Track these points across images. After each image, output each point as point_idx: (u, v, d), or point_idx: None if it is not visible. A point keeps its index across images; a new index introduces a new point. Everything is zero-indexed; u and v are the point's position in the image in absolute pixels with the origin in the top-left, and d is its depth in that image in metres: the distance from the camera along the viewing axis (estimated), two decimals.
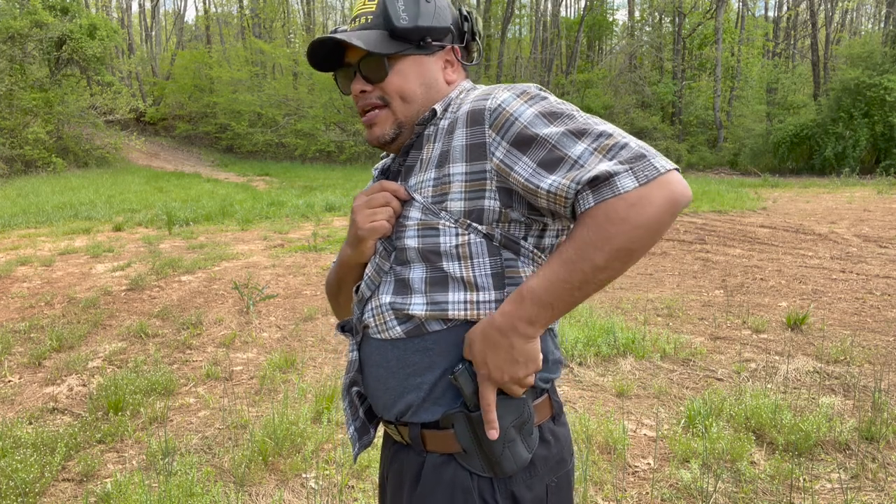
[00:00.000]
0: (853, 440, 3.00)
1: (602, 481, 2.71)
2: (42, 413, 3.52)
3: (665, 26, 35.67)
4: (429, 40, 1.11)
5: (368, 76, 1.11)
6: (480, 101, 1.04)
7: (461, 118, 1.05)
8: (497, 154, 1.00)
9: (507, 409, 1.04)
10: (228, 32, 42.39)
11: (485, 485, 1.05)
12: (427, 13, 1.09)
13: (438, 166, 1.06)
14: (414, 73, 1.11)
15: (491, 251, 1.04)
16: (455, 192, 1.03)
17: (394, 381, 1.11)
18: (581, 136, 0.96)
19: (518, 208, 1.03)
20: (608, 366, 4.09)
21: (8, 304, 5.81)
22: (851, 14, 42.95)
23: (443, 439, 1.07)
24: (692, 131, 30.24)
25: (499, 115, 1.00)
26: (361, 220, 1.10)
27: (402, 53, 1.10)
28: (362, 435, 1.22)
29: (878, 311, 5.24)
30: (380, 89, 1.11)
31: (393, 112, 1.12)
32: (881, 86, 21.57)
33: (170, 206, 12.28)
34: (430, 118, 1.11)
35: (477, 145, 1.02)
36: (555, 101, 1.02)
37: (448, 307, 1.05)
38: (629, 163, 0.92)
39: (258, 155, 30.99)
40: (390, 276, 1.10)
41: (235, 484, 2.73)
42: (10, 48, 20.95)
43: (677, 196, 0.92)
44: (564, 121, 0.98)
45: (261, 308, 5.55)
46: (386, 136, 1.13)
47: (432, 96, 1.13)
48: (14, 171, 19.66)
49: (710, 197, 13.95)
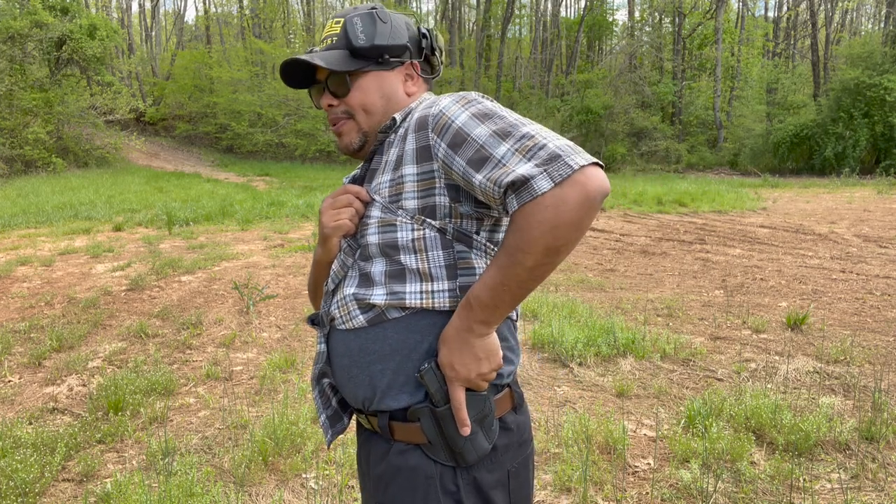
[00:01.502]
0: (853, 440, 3.00)
1: (602, 481, 2.71)
2: (42, 413, 3.52)
3: (665, 26, 35.68)
4: (387, 57, 1.22)
5: (334, 92, 1.24)
6: (426, 108, 1.14)
7: (412, 125, 1.15)
8: (439, 154, 1.09)
9: (471, 404, 1.12)
10: (228, 32, 42.40)
11: (447, 472, 1.12)
12: (383, 33, 1.21)
13: (394, 169, 1.16)
14: (374, 88, 1.23)
15: (444, 244, 1.12)
16: (408, 192, 1.13)
17: (356, 369, 1.19)
18: (506, 136, 1.03)
19: (466, 203, 1.12)
20: (608, 366, 4.09)
21: (8, 304, 5.81)
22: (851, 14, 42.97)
23: (409, 431, 1.14)
24: (692, 131, 30.25)
25: (439, 120, 1.09)
26: (326, 220, 1.21)
27: (362, 70, 1.22)
28: (335, 423, 1.30)
29: (878, 311, 5.24)
30: (344, 103, 1.24)
31: (357, 123, 1.24)
32: (881, 86, 21.58)
33: (170, 206, 12.28)
34: (390, 126, 1.21)
35: (423, 148, 1.11)
36: (490, 105, 1.10)
37: (405, 297, 1.13)
38: (545, 164, 0.97)
39: (258, 155, 31.00)
40: (354, 270, 1.20)
41: (235, 484, 2.73)
42: (10, 48, 20.95)
43: (591, 192, 0.96)
44: (494, 121, 1.05)
45: (261, 308, 5.55)
46: (353, 145, 1.25)
47: (392, 107, 1.25)
48: (14, 171, 19.66)
49: (710, 197, 13.95)
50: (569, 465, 2.79)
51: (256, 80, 33.27)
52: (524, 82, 36.81)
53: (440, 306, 1.13)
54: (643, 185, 17.72)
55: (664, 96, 30.17)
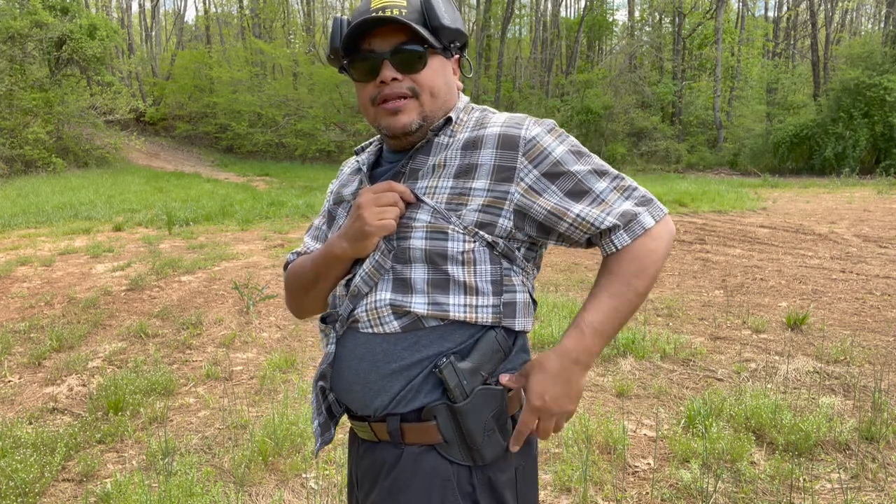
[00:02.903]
0: (853, 440, 3.00)
1: (602, 481, 2.71)
2: (42, 413, 3.52)
3: (665, 26, 35.67)
4: (455, 44, 1.17)
5: (401, 66, 1.11)
6: (513, 128, 1.12)
7: (489, 139, 1.12)
8: (526, 180, 1.10)
9: (488, 400, 1.10)
10: (228, 32, 42.39)
11: (463, 472, 1.10)
12: (458, 18, 1.16)
13: (458, 177, 1.11)
14: (441, 72, 1.16)
15: (493, 260, 1.12)
16: (472, 205, 1.10)
17: (375, 375, 1.12)
18: (602, 175, 1.13)
19: (527, 230, 1.13)
20: (608, 366, 4.09)
21: (8, 304, 5.81)
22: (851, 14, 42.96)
23: (423, 431, 1.10)
24: (692, 131, 30.22)
25: (533, 147, 1.11)
26: (370, 217, 1.10)
27: (435, 50, 1.14)
28: (324, 431, 1.24)
29: (878, 311, 5.24)
30: (412, 80, 1.12)
31: (421, 104, 1.14)
32: (881, 86, 21.56)
33: (170, 206, 12.28)
34: (443, 125, 1.16)
35: (505, 168, 1.10)
36: (577, 142, 1.16)
37: (449, 308, 1.10)
38: (644, 204, 1.14)
39: (258, 155, 30.98)
40: (389, 274, 1.12)
41: (235, 484, 2.73)
42: (10, 48, 20.94)
43: (673, 231, 1.18)
44: (588, 160, 1.14)
45: (261, 308, 5.55)
46: (412, 126, 1.14)
47: (450, 99, 1.19)
48: (14, 171, 19.65)
49: (710, 197, 13.94)
50: (569, 465, 2.79)
51: (256, 80, 33.26)
52: (524, 82, 36.80)
53: (483, 321, 1.11)
54: (643, 185, 17.61)
55: (664, 96, 30.15)
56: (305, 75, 32.73)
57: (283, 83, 33.50)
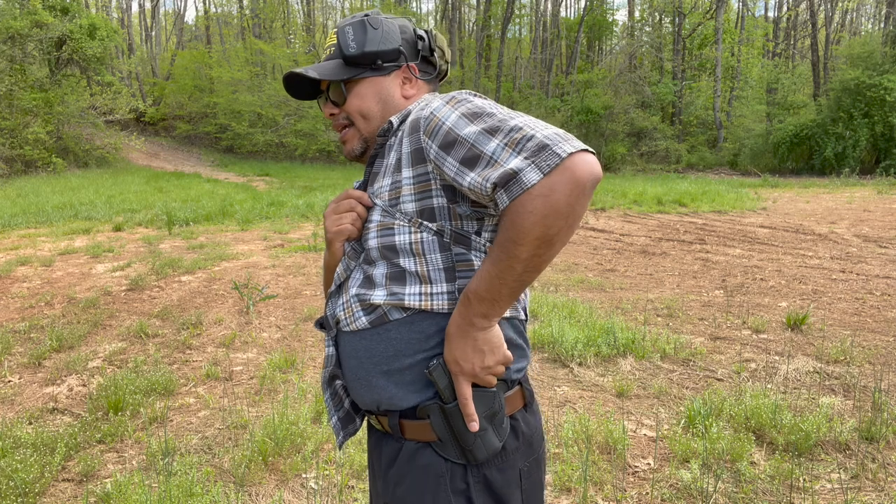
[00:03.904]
0: (853, 440, 3.00)
1: (602, 481, 2.71)
2: (42, 413, 3.52)
3: (665, 26, 35.67)
4: (380, 62, 1.24)
5: (334, 100, 1.28)
6: (419, 111, 1.15)
7: (406, 128, 1.16)
8: (431, 156, 1.09)
9: (480, 401, 1.12)
10: (228, 32, 42.39)
11: (458, 470, 1.12)
12: (374, 39, 1.23)
13: (393, 173, 1.16)
14: (370, 93, 1.25)
15: (442, 247, 1.13)
16: (406, 195, 1.13)
17: (363, 371, 1.19)
18: (495, 132, 1.02)
19: (462, 203, 1.11)
20: (608, 366, 4.09)
21: (8, 304, 5.81)
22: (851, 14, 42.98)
23: (419, 428, 1.15)
24: (692, 131, 30.24)
25: (430, 122, 1.10)
26: (329, 225, 1.24)
27: (357, 77, 1.25)
28: (346, 424, 1.31)
29: (878, 311, 5.24)
30: (344, 111, 1.27)
31: (358, 129, 1.27)
32: (881, 86, 21.57)
33: (170, 206, 12.28)
34: (387, 130, 1.21)
35: (417, 150, 1.12)
36: (480, 102, 1.10)
37: (405, 297, 1.14)
38: (533, 156, 0.97)
39: (258, 155, 30.99)
40: (359, 272, 1.21)
41: (235, 484, 2.73)
42: (10, 48, 20.95)
43: (581, 178, 0.95)
44: (484, 119, 1.05)
45: (261, 308, 5.55)
46: (355, 151, 1.28)
47: (390, 111, 1.26)
48: (14, 171, 19.66)
49: (710, 197, 13.95)
50: (569, 465, 2.79)
51: (256, 80, 33.25)
52: (524, 82, 36.81)
53: (439, 308, 1.14)
54: (643, 185, 17.72)
55: (664, 96, 30.16)
56: None
57: None
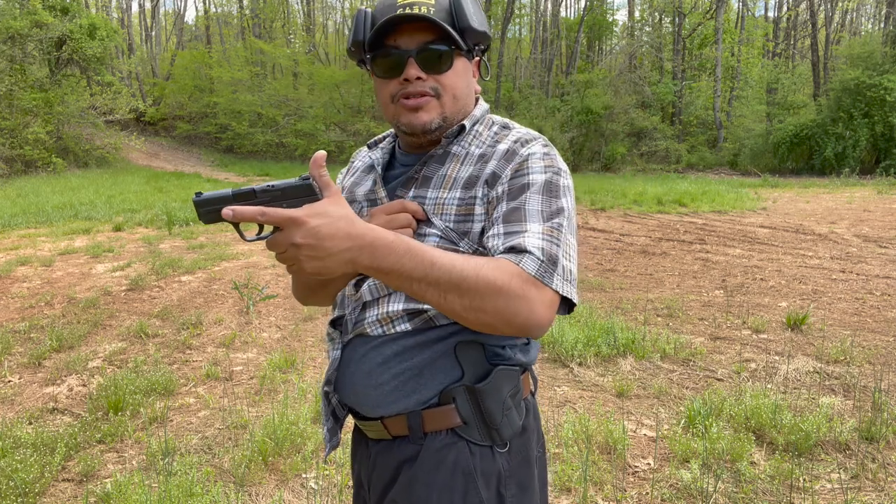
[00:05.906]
0: (853, 440, 3.00)
1: (602, 481, 2.71)
2: (42, 413, 3.52)
3: (665, 26, 35.67)
4: (479, 47, 1.15)
5: (426, 65, 1.09)
6: (518, 145, 1.11)
7: (498, 153, 1.11)
8: (498, 191, 1.07)
9: (505, 380, 1.11)
10: (228, 32, 42.39)
11: (486, 461, 1.09)
12: (484, 21, 1.13)
13: (465, 188, 1.10)
14: (463, 74, 1.14)
15: None
16: (478, 215, 1.08)
17: (387, 374, 1.11)
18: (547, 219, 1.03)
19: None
20: (608, 366, 4.09)
21: (8, 304, 5.81)
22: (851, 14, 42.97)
23: (443, 415, 1.09)
24: (692, 131, 30.22)
25: (522, 162, 1.08)
26: None
27: (461, 52, 1.12)
28: (332, 436, 1.24)
29: (878, 311, 5.24)
30: (435, 80, 1.10)
31: (442, 105, 1.12)
32: (881, 86, 21.56)
33: (170, 206, 12.27)
34: (457, 133, 1.14)
35: (495, 175, 1.09)
36: (564, 182, 1.09)
37: None
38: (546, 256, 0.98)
39: (258, 155, 30.97)
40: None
41: (235, 484, 2.73)
42: (10, 48, 20.95)
43: (535, 313, 0.95)
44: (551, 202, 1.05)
45: (261, 308, 5.55)
46: (432, 124, 1.12)
47: (468, 102, 1.17)
48: (14, 171, 19.65)
49: (710, 197, 13.94)
50: (569, 465, 2.79)
51: (256, 80, 33.24)
52: (524, 82, 36.80)
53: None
54: (643, 185, 17.71)
55: (664, 96, 30.15)
56: (305, 75, 32.72)
57: (283, 83, 33.50)
